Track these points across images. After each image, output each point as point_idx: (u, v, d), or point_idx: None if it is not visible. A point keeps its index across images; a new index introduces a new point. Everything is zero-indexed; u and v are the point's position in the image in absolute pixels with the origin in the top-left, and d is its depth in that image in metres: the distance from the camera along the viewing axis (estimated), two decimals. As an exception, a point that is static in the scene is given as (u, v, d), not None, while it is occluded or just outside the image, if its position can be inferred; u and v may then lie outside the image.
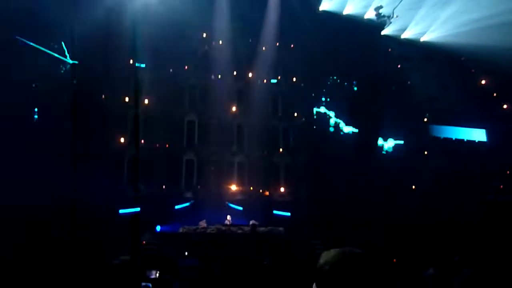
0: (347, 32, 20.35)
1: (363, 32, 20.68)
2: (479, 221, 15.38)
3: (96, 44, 15.95)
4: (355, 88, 21.84)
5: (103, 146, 16.67)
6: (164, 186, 17.85)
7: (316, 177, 18.16)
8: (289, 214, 18.98)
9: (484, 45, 18.49)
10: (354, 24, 20.92)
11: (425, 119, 22.00)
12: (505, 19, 17.25)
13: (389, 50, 20.60)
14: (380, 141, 19.67)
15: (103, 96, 16.41)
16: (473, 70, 20.63)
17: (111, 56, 16.97)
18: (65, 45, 8.51)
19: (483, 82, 21.50)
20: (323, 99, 22.41)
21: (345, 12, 21.13)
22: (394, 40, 21.55)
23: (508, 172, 18.62)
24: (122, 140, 17.97)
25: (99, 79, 16.15)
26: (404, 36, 21.98)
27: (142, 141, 17.78)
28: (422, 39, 22.15)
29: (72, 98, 8.52)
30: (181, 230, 15.59)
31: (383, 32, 21.09)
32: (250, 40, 19.40)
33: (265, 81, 19.48)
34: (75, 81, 8.36)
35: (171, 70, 18.74)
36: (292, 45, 20.11)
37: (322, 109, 21.29)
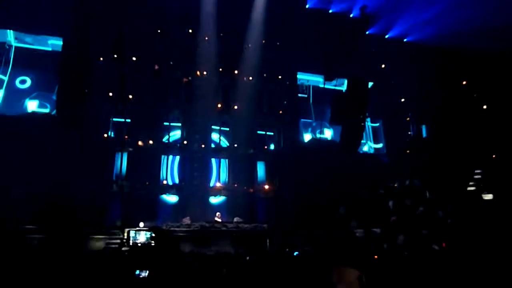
0: (332, 30, 20.53)
1: (348, 31, 20.89)
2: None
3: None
4: (339, 87, 22.09)
5: (87, 140, 16.45)
6: (147, 183, 17.69)
7: (300, 176, 18.29)
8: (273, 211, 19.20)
9: (468, 46, 18.85)
10: (340, 22, 21.11)
11: (408, 119, 22.39)
12: (489, 22, 17.62)
13: (373, 50, 20.84)
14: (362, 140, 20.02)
15: (86, 91, 16.20)
16: (454, 71, 21.04)
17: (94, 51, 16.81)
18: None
19: (464, 82, 21.96)
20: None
21: (331, 10, 21.32)
22: (378, 39, 21.83)
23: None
24: (105, 135, 17.78)
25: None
26: (388, 35, 22.30)
27: (126, 137, 17.71)
28: (405, 40, 22.50)
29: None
30: (164, 226, 15.49)
31: (367, 32, 21.34)
32: (236, 38, 19.31)
33: (250, 78, 19.45)
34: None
35: (156, 67, 18.56)
36: (278, 43, 20.11)
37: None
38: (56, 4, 16.42)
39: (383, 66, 21.57)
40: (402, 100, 21.78)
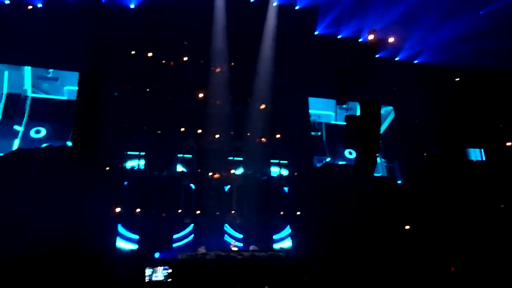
0: (342, 55, 20.75)
1: (358, 55, 21.07)
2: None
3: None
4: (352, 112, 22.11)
5: (101, 172, 16.61)
6: (163, 213, 17.67)
7: (316, 201, 18.09)
8: (289, 237, 18.91)
9: (479, 65, 18.83)
10: (349, 47, 21.33)
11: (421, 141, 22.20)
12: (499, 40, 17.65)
13: (384, 72, 20.91)
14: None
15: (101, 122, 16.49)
16: (467, 90, 20.97)
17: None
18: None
19: (477, 102, 21.81)
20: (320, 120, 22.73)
21: (340, 36, 21.56)
22: (388, 62, 21.93)
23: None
24: (120, 166, 17.96)
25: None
26: (398, 58, 22.40)
27: (140, 168, 17.88)
28: (415, 61, 22.57)
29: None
30: (179, 257, 15.32)
31: (377, 55, 21.47)
32: (247, 67, 19.63)
33: (263, 106, 19.62)
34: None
35: (170, 98, 18.92)
36: (288, 70, 20.35)
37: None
38: (72, 39, 17.01)
39: (394, 88, 21.58)
40: (416, 121, 21.65)
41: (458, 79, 21.30)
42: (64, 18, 17.33)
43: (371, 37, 20.04)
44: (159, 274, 13.49)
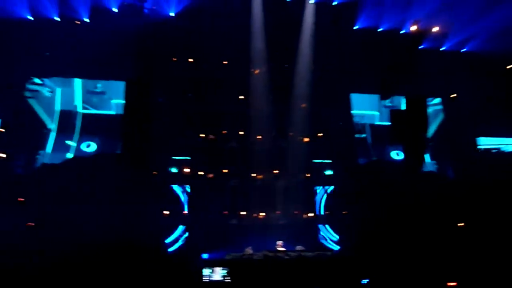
0: (384, 49, 20.20)
1: (400, 48, 20.43)
2: None
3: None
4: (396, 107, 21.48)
5: (150, 177, 17.20)
6: (209, 214, 18.07)
7: (362, 199, 17.76)
8: (334, 237, 18.72)
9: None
10: (391, 40, 20.73)
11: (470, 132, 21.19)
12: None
13: (429, 64, 20.15)
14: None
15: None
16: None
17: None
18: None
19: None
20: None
21: (380, 29, 21.00)
22: (433, 53, 21.11)
23: None
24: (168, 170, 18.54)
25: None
26: (443, 48, 21.50)
27: (188, 170, 18.39)
28: (463, 50, 21.56)
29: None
30: (227, 257, 15.59)
31: (421, 46, 20.72)
32: (286, 65, 19.59)
33: (304, 105, 19.51)
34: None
35: (211, 101, 19.31)
36: (328, 68, 20.10)
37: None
38: (118, 49, 17.77)
39: (441, 80, 20.72)
40: (466, 113, 20.69)
41: (510, 66, 20.12)
42: (109, 30, 18.08)
43: (413, 28, 19.36)
44: (217, 274, 13.75)
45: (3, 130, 17.10)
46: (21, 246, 13.65)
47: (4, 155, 16.68)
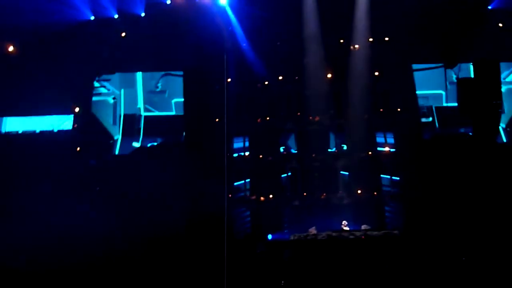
0: (447, 12, 18.80)
1: (467, 9, 18.91)
2: None
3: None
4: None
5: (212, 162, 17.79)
6: (271, 196, 18.27)
7: (428, 176, 16.97)
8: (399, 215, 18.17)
9: None
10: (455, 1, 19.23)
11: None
12: None
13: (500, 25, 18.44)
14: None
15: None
16: None
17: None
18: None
19: None
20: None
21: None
22: (504, 12, 19.30)
23: None
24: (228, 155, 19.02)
25: None
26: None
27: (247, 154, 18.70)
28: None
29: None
30: (292, 237, 15.76)
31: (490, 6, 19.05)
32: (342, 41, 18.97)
33: (362, 81, 18.87)
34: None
35: (266, 84, 19.25)
36: (387, 38, 19.14)
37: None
38: (174, 41, 18.43)
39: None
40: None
41: None
42: (164, 21, 18.73)
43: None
44: None
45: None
46: (108, 233, 15.14)
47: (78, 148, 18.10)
